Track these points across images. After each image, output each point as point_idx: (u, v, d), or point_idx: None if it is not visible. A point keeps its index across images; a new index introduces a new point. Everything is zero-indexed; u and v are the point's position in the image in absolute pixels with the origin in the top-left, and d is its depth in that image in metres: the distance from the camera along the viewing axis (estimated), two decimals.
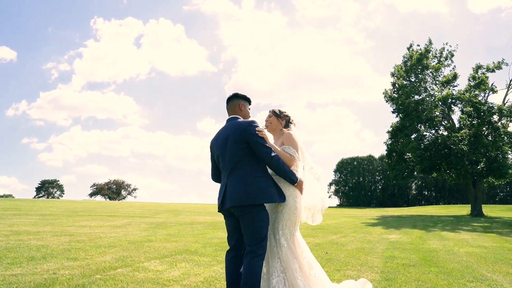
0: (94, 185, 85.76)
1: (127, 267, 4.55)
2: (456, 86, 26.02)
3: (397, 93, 27.00)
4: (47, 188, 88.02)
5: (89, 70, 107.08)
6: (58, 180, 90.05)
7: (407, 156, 26.61)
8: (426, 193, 76.61)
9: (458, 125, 25.25)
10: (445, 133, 25.64)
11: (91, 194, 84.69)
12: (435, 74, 26.46)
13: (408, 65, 26.48)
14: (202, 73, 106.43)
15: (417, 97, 26.14)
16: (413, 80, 26.64)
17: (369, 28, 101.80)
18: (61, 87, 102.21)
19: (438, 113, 25.85)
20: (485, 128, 23.87)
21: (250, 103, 3.20)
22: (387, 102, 27.60)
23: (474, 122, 24.08)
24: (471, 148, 23.19)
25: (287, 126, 3.29)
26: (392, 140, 27.34)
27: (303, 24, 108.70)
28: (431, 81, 26.65)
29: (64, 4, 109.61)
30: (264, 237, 2.80)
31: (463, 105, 24.66)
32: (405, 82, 26.70)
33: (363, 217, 20.54)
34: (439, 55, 26.60)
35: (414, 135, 26.17)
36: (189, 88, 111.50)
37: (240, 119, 3.02)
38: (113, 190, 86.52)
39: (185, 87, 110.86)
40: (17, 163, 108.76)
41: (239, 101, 3.10)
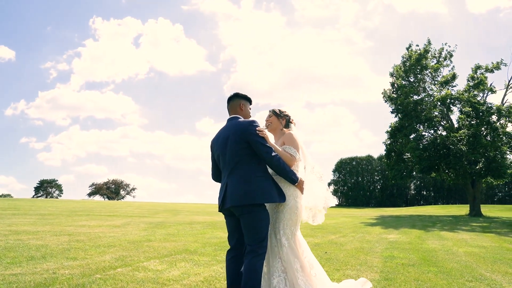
0: (93, 185, 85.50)
1: (127, 267, 4.55)
2: (455, 86, 26.06)
3: (396, 93, 27.04)
4: (46, 188, 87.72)
5: (88, 70, 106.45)
6: (57, 180, 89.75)
7: (406, 156, 26.64)
8: (425, 193, 76.65)
9: (457, 125, 25.29)
10: (444, 133, 25.67)
11: (90, 194, 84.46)
12: (434, 74, 26.49)
13: (407, 65, 26.51)
14: (201, 73, 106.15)
15: (416, 97, 26.16)
16: (412, 80, 26.68)
17: (368, 28, 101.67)
18: (60, 87, 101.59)
19: (437, 113, 25.87)
20: (484, 128, 23.89)
21: (251, 103, 3.20)
22: (386, 102, 27.64)
23: (473, 122, 24.10)
24: (470, 148, 23.23)
25: (288, 126, 3.30)
26: (391, 140, 27.38)
27: (302, 24, 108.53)
28: (430, 81, 26.68)
29: (63, 4, 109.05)
30: (265, 237, 2.80)
31: (462, 105, 24.66)
32: (404, 82, 26.73)
33: (362, 217, 20.57)
34: (438, 55, 26.64)
35: (413, 135, 26.18)
36: (188, 88, 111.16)
37: (241, 119, 3.01)
38: (112, 190, 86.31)
39: (184, 87, 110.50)
40: (16, 163, 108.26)
41: (240, 101, 3.10)
